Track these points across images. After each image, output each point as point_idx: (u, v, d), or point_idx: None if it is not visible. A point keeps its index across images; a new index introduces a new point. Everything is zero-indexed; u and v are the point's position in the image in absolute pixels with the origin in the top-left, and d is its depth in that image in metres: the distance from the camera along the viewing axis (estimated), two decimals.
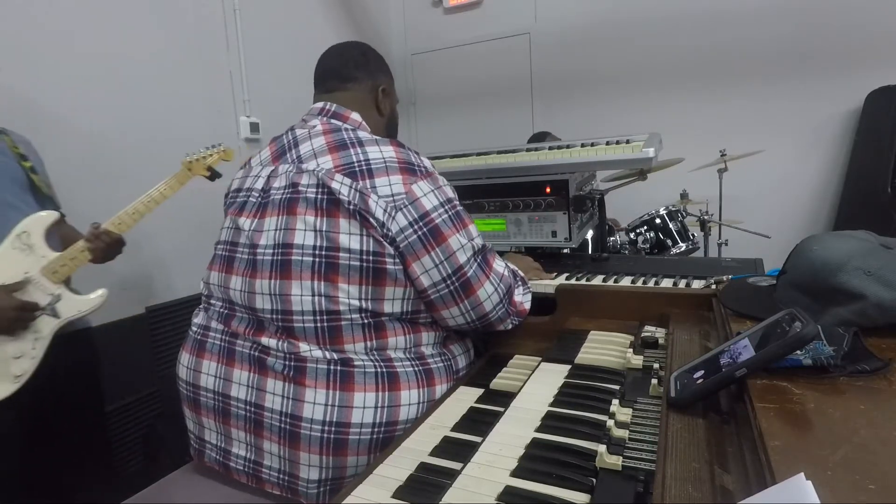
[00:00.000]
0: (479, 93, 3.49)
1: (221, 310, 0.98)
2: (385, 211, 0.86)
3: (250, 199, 0.99)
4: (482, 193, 1.55)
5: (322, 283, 0.86)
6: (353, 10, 3.20)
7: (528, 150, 1.56)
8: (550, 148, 1.52)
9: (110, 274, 1.68)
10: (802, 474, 0.37)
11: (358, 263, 0.86)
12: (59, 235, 1.36)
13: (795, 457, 0.45)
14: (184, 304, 2.05)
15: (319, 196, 0.88)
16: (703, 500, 0.48)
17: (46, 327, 1.24)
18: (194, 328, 1.03)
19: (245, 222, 0.96)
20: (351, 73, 1.09)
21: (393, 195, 0.87)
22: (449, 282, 0.90)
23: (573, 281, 1.28)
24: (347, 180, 0.88)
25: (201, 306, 1.06)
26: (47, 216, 1.29)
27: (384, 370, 0.87)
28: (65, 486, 1.41)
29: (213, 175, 1.51)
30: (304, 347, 0.86)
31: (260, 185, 0.98)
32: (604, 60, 3.12)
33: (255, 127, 2.42)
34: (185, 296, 2.07)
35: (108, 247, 1.32)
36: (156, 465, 1.85)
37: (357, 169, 0.89)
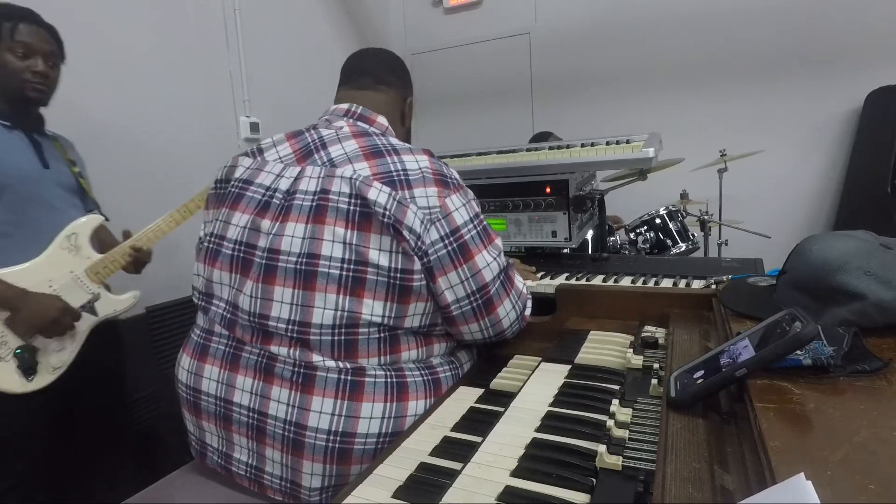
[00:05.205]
0: (479, 93, 3.48)
1: (225, 313, 0.94)
2: (422, 222, 0.85)
3: (273, 200, 0.92)
4: (482, 193, 1.55)
5: (347, 297, 0.84)
6: (353, 10, 3.20)
7: (528, 150, 1.56)
8: (550, 148, 1.53)
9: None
10: (802, 474, 0.37)
11: (386, 279, 0.84)
12: (98, 238, 1.43)
13: (795, 457, 0.45)
14: (184, 305, 2.06)
15: (352, 207, 0.85)
16: (703, 500, 0.48)
17: (85, 324, 1.34)
18: (197, 331, 1.00)
19: (266, 225, 0.91)
20: (387, 77, 1.08)
21: (429, 207, 0.86)
22: (472, 298, 0.90)
23: (573, 281, 1.28)
24: (387, 188, 0.85)
25: (200, 306, 1.01)
26: (94, 220, 1.39)
27: (394, 380, 0.87)
28: (87, 474, 1.49)
29: None
30: (316, 358, 0.85)
31: (285, 186, 0.92)
32: (604, 60, 3.12)
33: (255, 127, 2.42)
34: (186, 296, 2.07)
35: (140, 260, 1.45)
36: (156, 465, 1.85)
37: (396, 178, 0.87)
